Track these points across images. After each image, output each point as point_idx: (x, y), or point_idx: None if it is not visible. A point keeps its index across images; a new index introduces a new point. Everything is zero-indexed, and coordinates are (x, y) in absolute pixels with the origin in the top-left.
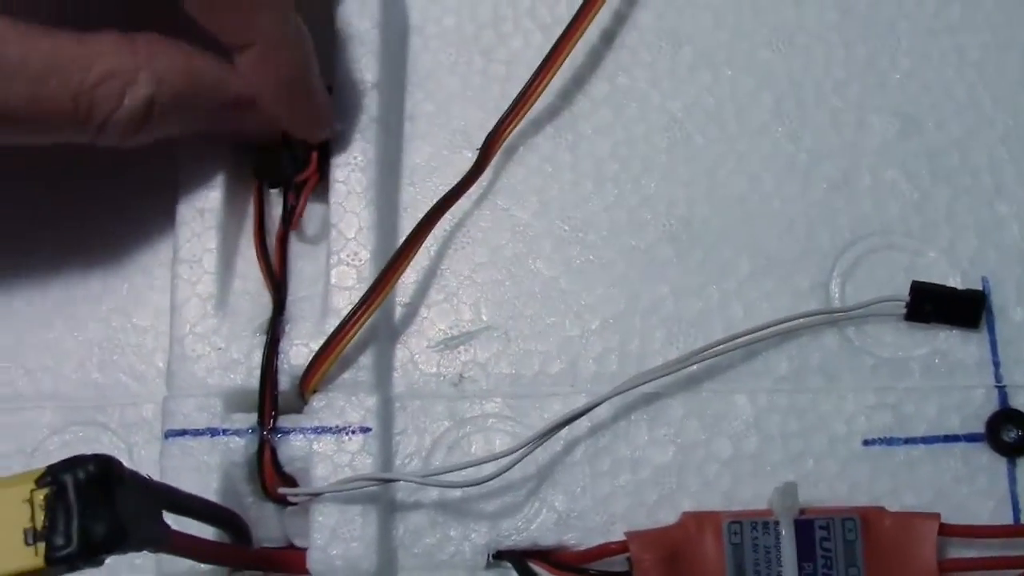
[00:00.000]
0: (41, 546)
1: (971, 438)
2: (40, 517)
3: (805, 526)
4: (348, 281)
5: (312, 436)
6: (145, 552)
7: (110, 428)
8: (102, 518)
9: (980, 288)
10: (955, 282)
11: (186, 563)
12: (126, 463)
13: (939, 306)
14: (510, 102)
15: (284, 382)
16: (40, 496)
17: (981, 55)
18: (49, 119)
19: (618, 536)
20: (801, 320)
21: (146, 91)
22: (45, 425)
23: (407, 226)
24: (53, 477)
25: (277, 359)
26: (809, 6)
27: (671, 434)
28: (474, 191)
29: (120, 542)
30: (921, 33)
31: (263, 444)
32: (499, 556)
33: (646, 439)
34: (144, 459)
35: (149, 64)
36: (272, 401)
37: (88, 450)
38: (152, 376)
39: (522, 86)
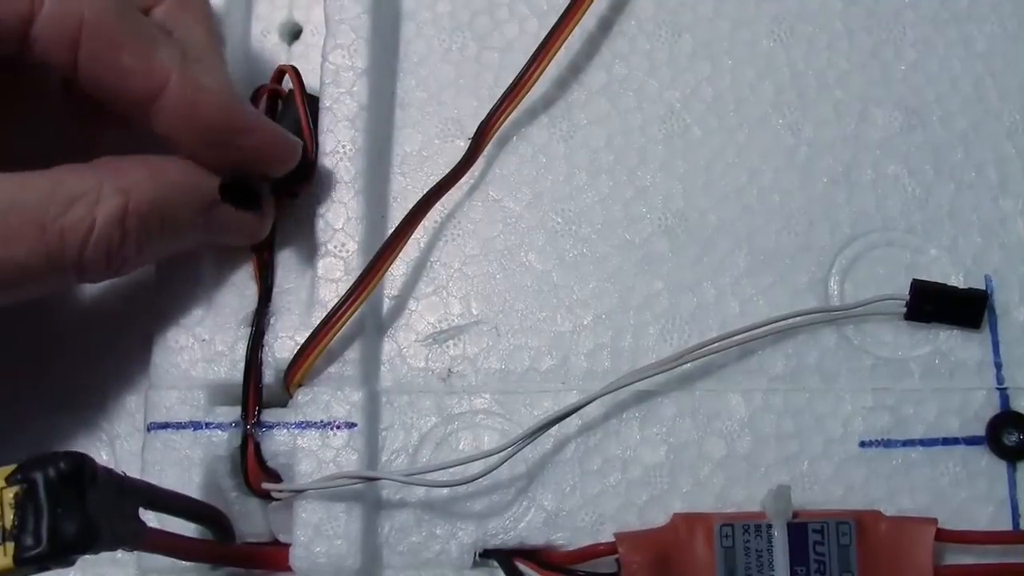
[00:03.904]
0: (10, 546)
1: (971, 441)
2: (9, 516)
3: (798, 529)
4: (335, 273)
5: (296, 431)
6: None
7: (92, 420)
8: (73, 517)
9: (983, 287)
10: (957, 281)
11: (167, 559)
12: (108, 456)
13: (940, 305)
14: (504, 90)
15: (269, 375)
16: (10, 494)
17: (988, 46)
18: (21, 261)
19: (607, 537)
20: (798, 318)
21: (115, 203)
22: (27, 416)
23: (396, 217)
24: (23, 475)
25: (262, 352)
26: None
27: (663, 433)
28: (466, 181)
29: (91, 542)
30: (927, 23)
31: (247, 438)
32: (486, 555)
33: (638, 438)
34: (127, 451)
35: (111, 179)
36: (256, 395)
37: (71, 443)
38: (136, 368)
39: (516, 74)
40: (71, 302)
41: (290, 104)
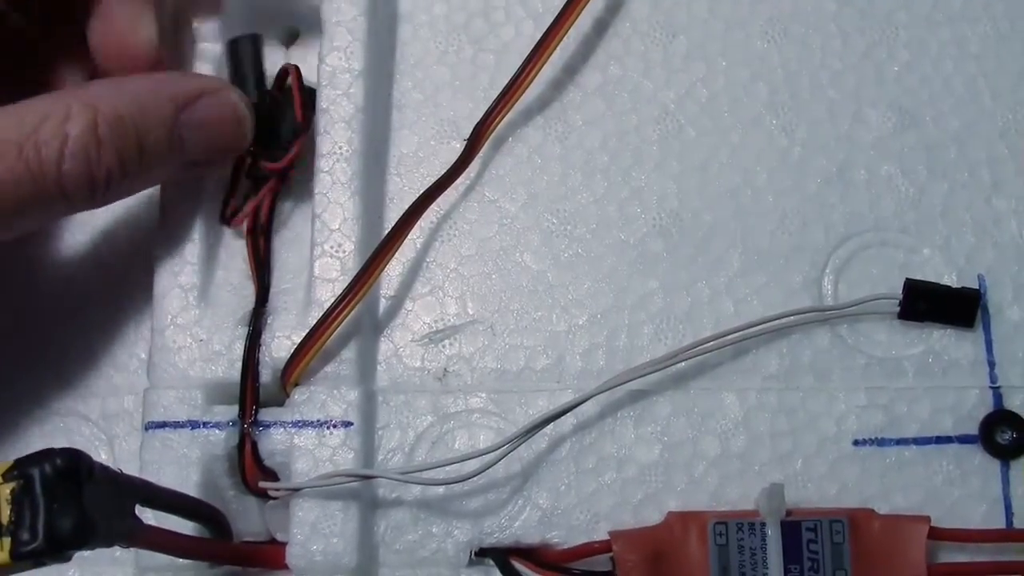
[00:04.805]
0: (7, 541)
1: (964, 440)
2: (6, 511)
3: (792, 528)
4: (331, 273)
5: (293, 430)
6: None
7: (91, 419)
8: (69, 513)
9: (976, 286)
10: (951, 280)
11: (165, 557)
12: (107, 455)
13: (933, 304)
14: (499, 92)
15: (266, 375)
16: (6, 490)
17: (981, 47)
18: (6, 194)
19: (602, 535)
20: (792, 317)
21: (85, 116)
22: (26, 415)
23: (392, 217)
24: (20, 470)
25: (259, 351)
26: None
27: (658, 432)
28: (461, 182)
29: (87, 538)
30: (920, 24)
31: (244, 437)
32: (481, 554)
33: (632, 437)
34: (125, 451)
35: (78, 98)
36: (253, 394)
37: (70, 442)
38: (134, 367)
39: (512, 75)
40: (70, 300)
41: (289, 100)
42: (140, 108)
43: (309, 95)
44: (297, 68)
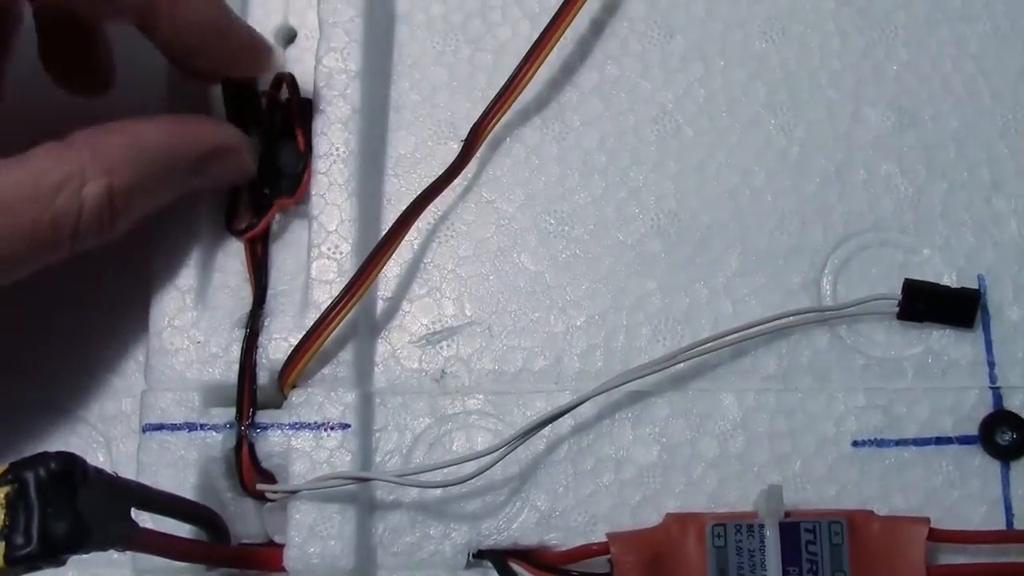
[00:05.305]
0: (1, 545)
1: (964, 440)
2: (0, 515)
3: (790, 529)
4: (329, 274)
5: (290, 432)
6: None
7: (88, 421)
8: (64, 517)
9: (976, 286)
10: (950, 280)
11: (162, 559)
12: (104, 457)
13: (933, 305)
14: (497, 92)
15: (263, 377)
16: (1, 494)
17: (980, 46)
18: (17, 253)
19: (600, 537)
20: (791, 318)
21: (100, 186)
22: (22, 417)
23: (390, 218)
24: (14, 474)
25: (256, 353)
26: None
27: (656, 433)
28: (459, 183)
29: (82, 541)
30: (919, 23)
31: (241, 440)
32: (479, 556)
33: (630, 438)
34: (123, 453)
35: (94, 160)
36: (250, 396)
37: (67, 445)
38: (131, 369)
39: (509, 76)
40: (67, 304)
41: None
42: (155, 176)
43: (304, 107)
44: (293, 79)
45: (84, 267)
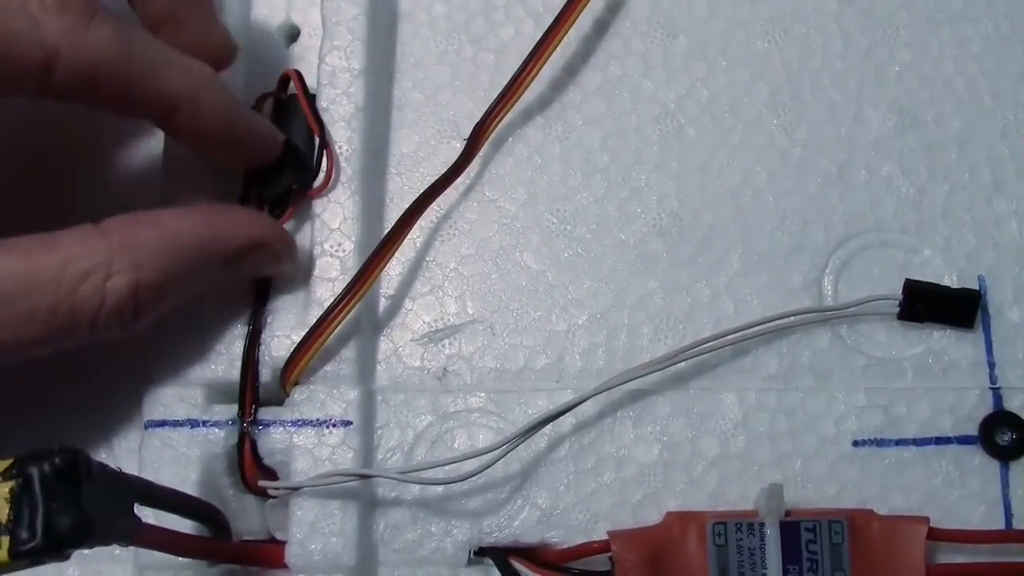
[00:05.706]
0: (5, 540)
1: (964, 440)
2: (4, 510)
3: (791, 528)
4: (331, 272)
5: (293, 429)
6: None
7: (92, 417)
8: (68, 512)
9: (976, 287)
10: (951, 281)
11: (164, 555)
12: (107, 454)
13: (933, 305)
14: (500, 91)
15: (265, 374)
16: (5, 489)
17: (982, 47)
18: (33, 339)
19: (601, 535)
20: (792, 318)
21: (126, 281)
22: (25, 413)
23: (392, 217)
24: (18, 469)
25: (258, 350)
26: None
27: (657, 432)
28: (461, 182)
29: (86, 536)
30: (921, 24)
31: (243, 436)
32: (480, 553)
33: (632, 437)
34: (125, 449)
35: (123, 252)
36: (253, 393)
37: (69, 441)
38: (134, 366)
39: (512, 75)
40: None
41: (297, 108)
42: (185, 272)
43: (310, 102)
44: (300, 76)
45: None
